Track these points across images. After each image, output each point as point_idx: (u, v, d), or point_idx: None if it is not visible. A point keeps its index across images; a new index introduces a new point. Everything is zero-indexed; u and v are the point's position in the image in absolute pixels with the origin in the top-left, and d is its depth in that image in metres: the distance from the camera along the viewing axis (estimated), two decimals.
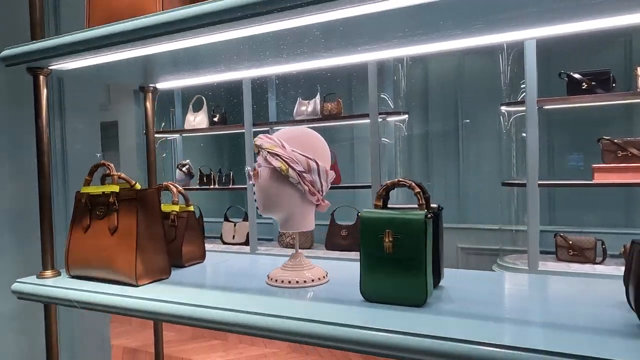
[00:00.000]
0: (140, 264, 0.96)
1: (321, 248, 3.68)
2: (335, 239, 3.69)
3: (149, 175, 1.39)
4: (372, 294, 0.82)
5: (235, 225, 4.15)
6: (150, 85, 1.37)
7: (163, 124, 4.60)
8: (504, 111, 3.13)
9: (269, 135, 0.96)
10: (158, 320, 0.90)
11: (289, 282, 0.94)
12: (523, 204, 3.14)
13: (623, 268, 2.97)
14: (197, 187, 4.25)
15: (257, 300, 0.86)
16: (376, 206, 0.87)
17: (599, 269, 2.94)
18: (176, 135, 4.61)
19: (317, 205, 0.98)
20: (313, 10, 0.75)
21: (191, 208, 1.17)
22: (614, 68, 2.94)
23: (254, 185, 0.96)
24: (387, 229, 0.79)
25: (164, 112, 4.65)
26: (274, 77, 4.23)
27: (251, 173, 0.97)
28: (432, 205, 0.87)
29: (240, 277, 1.05)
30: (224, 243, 4.18)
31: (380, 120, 3.71)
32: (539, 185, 2.96)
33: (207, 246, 4.12)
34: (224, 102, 4.06)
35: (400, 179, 0.85)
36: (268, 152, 0.92)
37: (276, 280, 0.96)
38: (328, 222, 3.71)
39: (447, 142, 3.89)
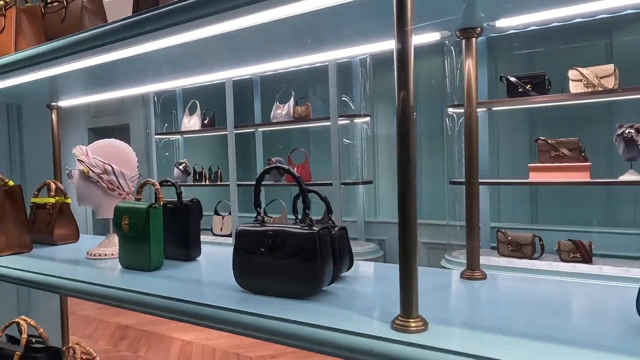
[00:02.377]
0: (4, 240, 1.37)
1: None
2: None
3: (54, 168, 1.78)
4: (125, 261, 1.18)
5: (223, 218, 4.59)
6: (53, 103, 1.78)
7: (166, 124, 5.10)
8: (451, 113, 3.32)
9: (82, 147, 1.32)
10: (6, 282, 1.28)
11: (99, 255, 1.31)
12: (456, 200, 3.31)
13: (556, 264, 3.22)
14: (192, 183, 4.71)
15: (73, 269, 1.23)
16: (137, 199, 1.21)
17: (535, 264, 3.08)
18: (178, 136, 5.10)
19: (123, 197, 1.34)
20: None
21: (68, 200, 1.57)
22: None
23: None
24: (124, 215, 1.14)
25: (167, 114, 5.15)
26: (258, 79, 4.60)
27: (67, 173, 1.35)
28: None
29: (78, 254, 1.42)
30: (214, 235, 4.62)
31: (348, 122, 4.00)
32: (480, 183, 3.13)
33: (201, 237, 4.62)
34: (219, 105, 4.46)
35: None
36: (77, 158, 1.29)
37: (92, 255, 1.33)
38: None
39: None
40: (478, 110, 3.44)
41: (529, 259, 3.12)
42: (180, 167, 4.80)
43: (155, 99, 5.09)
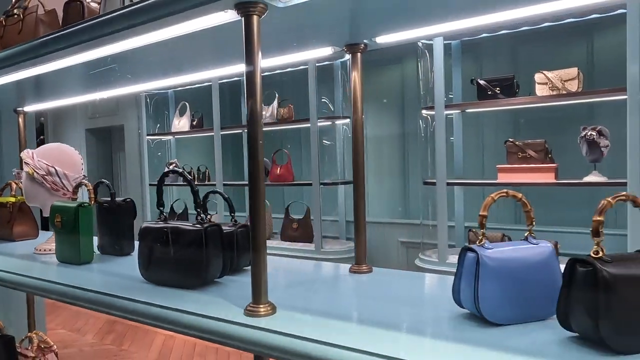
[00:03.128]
0: None
1: (277, 239, 4.12)
2: (288, 231, 4.13)
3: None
4: (60, 255, 1.30)
5: (211, 217, 4.70)
6: (19, 108, 1.91)
7: (158, 125, 5.25)
8: (424, 115, 3.40)
9: (29, 150, 1.45)
10: None
11: (44, 250, 1.44)
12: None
13: None
14: (181, 183, 4.85)
15: (17, 263, 1.35)
16: (72, 199, 1.33)
17: None
18: (170, 137, 5.25)
19: (68, 197, 1.46)
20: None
21: None
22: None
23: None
24: (57, 213, 1.25)
25: (159, 115, 5.30)
26: (245, 80, 4.71)
27: (14, 174, 1.48)
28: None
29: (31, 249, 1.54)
30: None
31: (329, 123, 4.11)
32: (449, 184, 3.23)
33: None
34: (208, 107, 4.59)
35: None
36: (24, 161, 1.41)
37: (39, 250, 1.45)
38: (283, 216, 4.15)
39: (389, 143, 4.19)
40: (452, 112, 3.54)
41: None
42: (171, 167, 4.94)
43: (148, 100, 5.24)
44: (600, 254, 0.66)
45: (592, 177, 2.84)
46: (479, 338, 0.69)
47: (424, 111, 3.49)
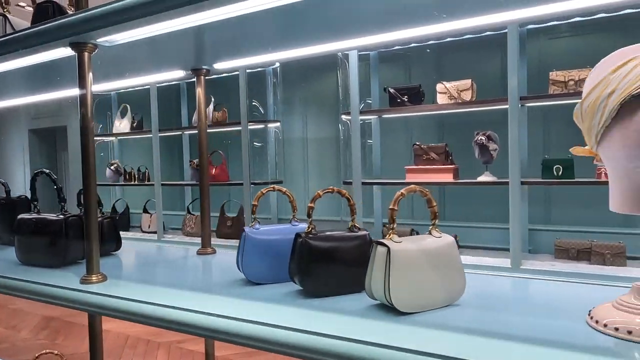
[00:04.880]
0: None
1: (212, 236, 4.32)
2: (223, 228, 4.34)
3: None
4: None
5: (151, 216, 4.87)
6: None
7: (100, 126, 5.36)
8: (344, 119, 3.69)
9: None
10: None
11: None
12: (365, 199, 3.68)
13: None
14: (122, 183, 4.99)
15: None
16: None
17: None
18: (113, 138, 5.37)
19: None
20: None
21: None
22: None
23: None
24: None
25: (102, 116, 5.41)
26: (185, 85, 4.90)
27: None
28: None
29: None
30: (143, 232, 4.91)
31: (262, 126, 4.35)
32: (364, 183, 3.52)
33: (128, 234, 4.88)
34: (148, 109, 4.75)
35: None
36: None
37: None
38: (219, 214, 4.36)
39: (326, 145, 4.47)
40: (371, 117, 3.84)
41: None
42: (112, 167, 5.08)
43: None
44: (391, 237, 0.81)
45: (484, 177, 3.20)
46: (390, 328, 0.77)
47: (343, 116, 3.78)
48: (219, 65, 1.29)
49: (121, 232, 1.41)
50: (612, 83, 0.64)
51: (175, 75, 1.36)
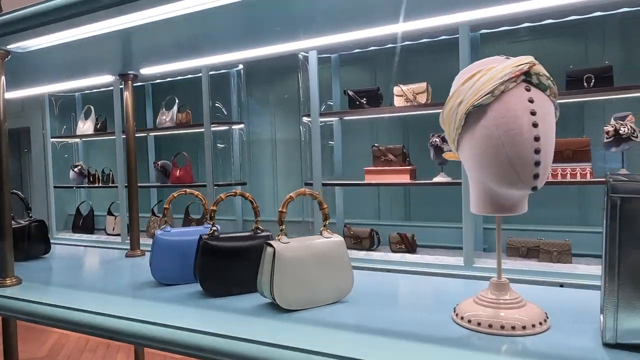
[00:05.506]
0: None
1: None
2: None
3: None
4: None
5: (115, 218, 4.83)
6: None
7: (65, 127, 5.30)
8: (305, 121, 3.73)
9: None
10: None
11: None
12: (327, 200, 3.72)
13: (388, 254, 3.70)
14: (87, 185, 4.94)
15: None
16: None
17: (372, 255, 3.53)
18: (77, 140, 5.31)
19: None
20: None
21: None
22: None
23: None
24: None
25: (66, 117, 5.35)
26: (150, 86, 4.88)
27: None
28: None
29: None
30: (107, 234, 4.86)
31: (226, 128, 4.37)
32: (323, 184, 3.57)
33: (92, 237, 4.81)
34: (112, 111, 4.71)
35: None
36: None
37: None
38: (183, 216, 4.36)
39: (291, 146, 4.51)
40: (332, 119, 3.88)
41: (367, 250, 3.57)
42: (76, 169, 5.03)
43: (53, 102, 5.28)
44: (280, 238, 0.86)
45: (440, 178, 3.28)
46: (273, 325, 0.82)
47: (304, 118, 3.83)
48: (146, 71, 1.32)
49: (85, 235, 1.44)
50: (461, 94, 0.70)
51: (103, 80, 1.38)
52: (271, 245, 0.83)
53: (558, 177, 2.81)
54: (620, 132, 2.75)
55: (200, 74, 4.07)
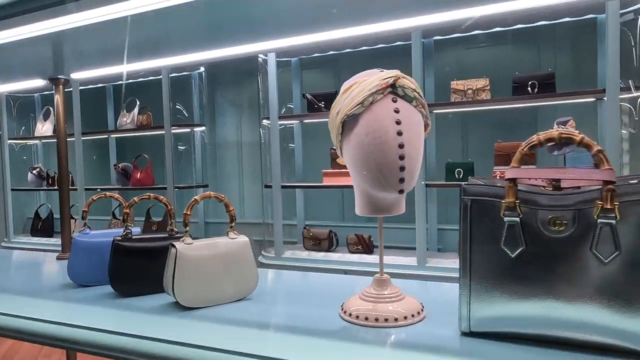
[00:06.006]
0: None
1: None
2: (148, 232, 4.31)
3: None
4: None
5: (75, 221, 4.76)
6: None
7: (23, 128, 5.20)
8: (265, 124, 3.76)
9: None
10: None
11: None
12: (285, 202, 3.76)
13: (346, 255, 3.75)
14: (45, 187, 4.86)
15: None
16: None
17: (330, 255, 3.58)
18: (37, 141, 5.21)
19: None
20: None
21: None
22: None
23: None
24: None
25: (25, 119, 5.25)
26: (111, 88, 4.84)
27: None
28: None
29: None
30: None
31: (188, 130, 4.36)
32: (282, 187, 3.61)
33: (51, 240, 4.72)
34: (71, 112, 4.64)
35: None
36: None
37: None
38: (144, 218, 4.33)
39: (252, 149, 4.54)
40: (293, 122, 3.92)
41: (326, 251, 3.63)
42: (34, 172, 4.94)
43: (11, 102, 5.17)
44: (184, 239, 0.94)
45: None
46: (174, 323, 0.86)
47: (264, 121, 3.87)
48: (77, 76, 1.34)
49: (44, 238, 1.45)
50: (339, 104, 0.75)
51: (34, 84, 1.39)
52: (174, 246, 0.87)
53: None
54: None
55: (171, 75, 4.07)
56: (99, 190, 4.69)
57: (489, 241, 0.65)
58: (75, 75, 1.33)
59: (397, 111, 0.71)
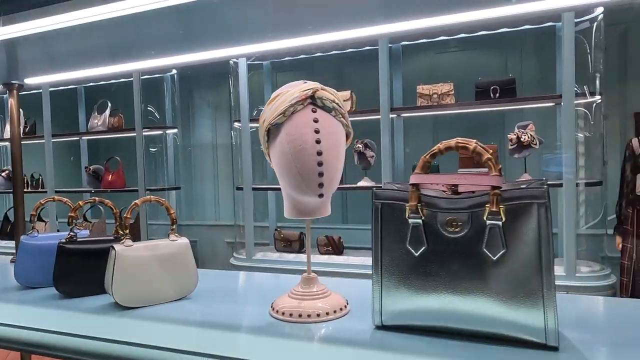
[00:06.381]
0: None
1: None
2: (95, 235, 4.29)
3: None
4: None
5: (46, 224, 4.71)
6: None
7: None
8: (236, 127, 3.79)
9: None
10: None
11: None
12: (257, 204, 3.79)
13: (316, 256, 3.78)
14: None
15: None
16: None
17: (301, 257, 3.62)
18: (6, 143, 5.14)
19: None
20: None
21: None
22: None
23: None
24: None
25: None
26: (83, 89, 4.81)
27: None
28: None
29: None
30: None
31: (161, 132, 4.36)
32: (254, 189, 3.64)
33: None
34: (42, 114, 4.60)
35: None
36: None
37: None
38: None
39: (224, 151, 4.56)
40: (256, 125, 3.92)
41: (296, 252, 3.68)
42: (3, 174, 4.87)
43: None
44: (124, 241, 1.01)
45: (363, 182, 3.43)
46: (111, 322, 1.01)
47: (235, 123, 3.90)
48: (31, 81, 1.36)
49: (11, 242, 1.45)
50: (265, 114, 0.80)
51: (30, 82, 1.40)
52: (114, 248, 0.91)
53: None
54: (522, 139, 3.00)
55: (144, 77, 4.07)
56: (70, 192, 4.65)
57: (396, 241, 0.71)
58: (30, 81, 1.35)
59: (316, 121, 0.76)
